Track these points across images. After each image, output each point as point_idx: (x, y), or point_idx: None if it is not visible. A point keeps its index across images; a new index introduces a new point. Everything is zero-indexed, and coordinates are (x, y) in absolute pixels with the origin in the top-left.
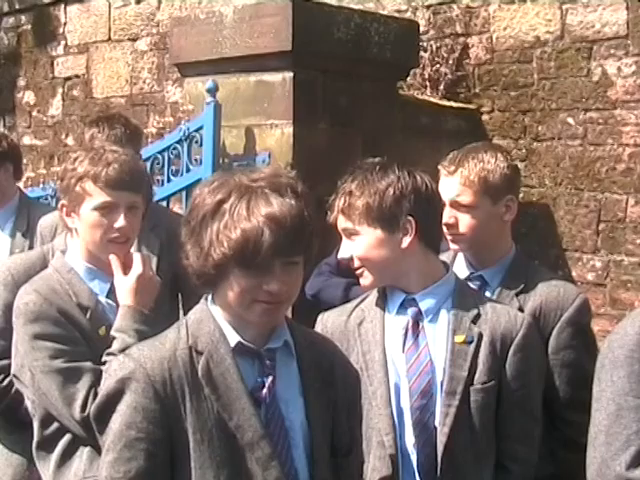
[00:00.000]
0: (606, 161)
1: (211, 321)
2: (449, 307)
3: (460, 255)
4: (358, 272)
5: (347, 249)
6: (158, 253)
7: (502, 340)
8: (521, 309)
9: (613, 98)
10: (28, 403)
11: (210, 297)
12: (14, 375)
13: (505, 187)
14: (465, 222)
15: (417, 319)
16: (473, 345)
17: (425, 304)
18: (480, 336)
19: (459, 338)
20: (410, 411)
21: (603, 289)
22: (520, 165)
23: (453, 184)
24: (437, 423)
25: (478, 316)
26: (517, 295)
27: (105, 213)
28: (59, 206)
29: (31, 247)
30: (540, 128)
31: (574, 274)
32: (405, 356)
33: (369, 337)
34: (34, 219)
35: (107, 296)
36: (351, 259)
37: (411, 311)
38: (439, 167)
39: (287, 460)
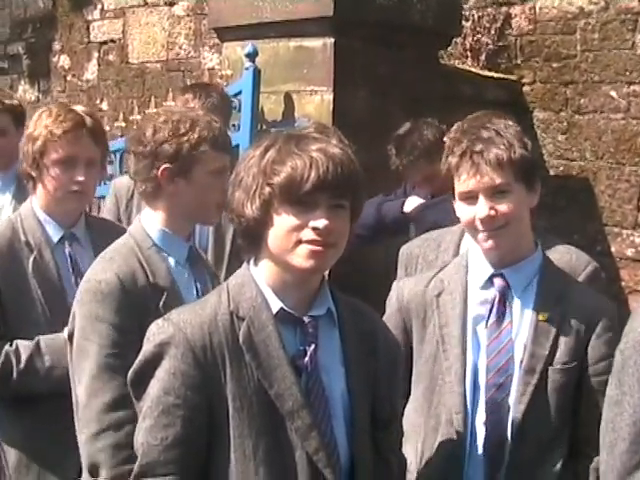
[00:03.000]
0: None
1: (253, 286)
2: (535, 284)
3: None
4: (493, 233)
5: (488, 206)
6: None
7: (587, 322)
8: None
9: None
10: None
11: (253, 261)
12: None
13: None
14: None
15: (504, 294)
16: (556, 324)
17: (514, 279)
18: (564, 315)
19: (542, 316)
20: (485, 388)
21: None
22: (561, 138)
23: None
24: (511, 402)
25: (563, 295)
26: None
27: (220, 176)
28: (160, 170)
29: None
30: (582, 101)
31: (613, 249)
32: (487, 331)
33: (447, 310)
34: None
35: (185, 263)
36: (490, 217)
37: (498, 286)
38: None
39: (327, 430)
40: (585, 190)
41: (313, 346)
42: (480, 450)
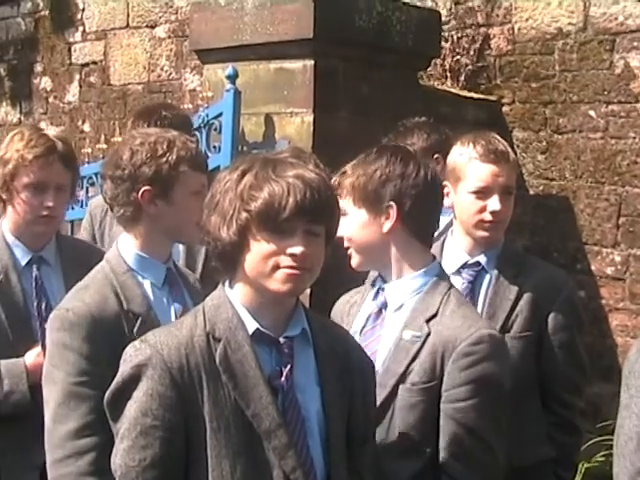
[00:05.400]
0: (627, 155)
1: (229, 307)
2: (412, 303)
3: (452, 242)
4: (348, 252)
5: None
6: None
7: (446, 345)
8: (520, 292)
9: (635, 91)
10: None
11: (228, 282)
12: None
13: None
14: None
15: (381, 308)
16: (418, 344)
17: (391, 295)
18: (427, 337)
19: (407, 334)
20: None
21: (622, 283)
22: (540, 157)
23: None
24: None
25: (434, 316)
26: (515, 278)
27: (200, 196)
28: (140, 193)
29: None
30: (561, 120)
31: (593, 268)
32: (361, 339)
33: (350, 319)
34: None
35: (162, 285)
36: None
37: (379, 300)
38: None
39: (303, 449)
40: (565, 209)
41: (289, 366)
42: None
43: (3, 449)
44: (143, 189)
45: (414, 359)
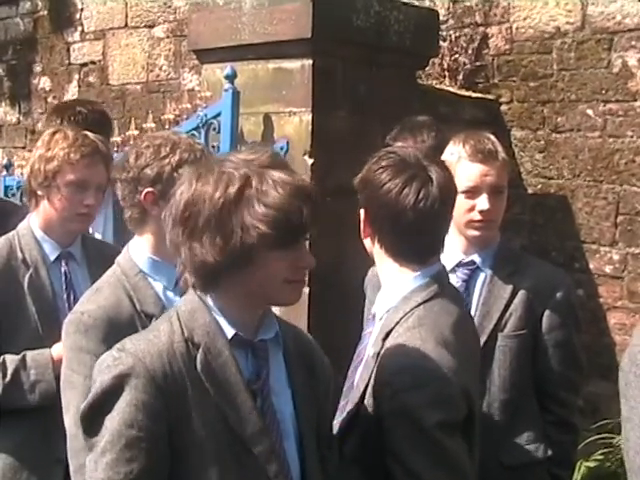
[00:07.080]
0: (625, 153)
1: (205, 312)
2: (386, 316)
3: (447, 241)
4: None
5: None
6: None
7: (378, 370)
8: (515, 290)
9: (633, 90)
10: None
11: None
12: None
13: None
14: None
15: (374, 315)
16: (375, 362)
17: (378, 304)
18: (378, 355)
19: (371, 350)
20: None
21: (620, 282)
22: (538, 156)
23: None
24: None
25: (388, 334)
26: (509, 277)
27: None
28: (143, 194)
29: None
30: (559, 119)
31: (591, 266)
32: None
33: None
34: None
35: (174, 288)
36: None
37: (373, 308)
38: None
39: (281, 453)
40: (563, 208)
41: (265, 370)
42: None
43: (27, 443)
44: (146, 191)
45: (369, 378)
